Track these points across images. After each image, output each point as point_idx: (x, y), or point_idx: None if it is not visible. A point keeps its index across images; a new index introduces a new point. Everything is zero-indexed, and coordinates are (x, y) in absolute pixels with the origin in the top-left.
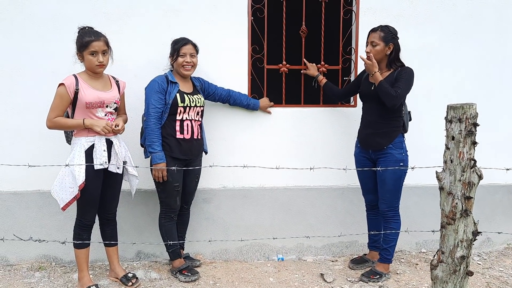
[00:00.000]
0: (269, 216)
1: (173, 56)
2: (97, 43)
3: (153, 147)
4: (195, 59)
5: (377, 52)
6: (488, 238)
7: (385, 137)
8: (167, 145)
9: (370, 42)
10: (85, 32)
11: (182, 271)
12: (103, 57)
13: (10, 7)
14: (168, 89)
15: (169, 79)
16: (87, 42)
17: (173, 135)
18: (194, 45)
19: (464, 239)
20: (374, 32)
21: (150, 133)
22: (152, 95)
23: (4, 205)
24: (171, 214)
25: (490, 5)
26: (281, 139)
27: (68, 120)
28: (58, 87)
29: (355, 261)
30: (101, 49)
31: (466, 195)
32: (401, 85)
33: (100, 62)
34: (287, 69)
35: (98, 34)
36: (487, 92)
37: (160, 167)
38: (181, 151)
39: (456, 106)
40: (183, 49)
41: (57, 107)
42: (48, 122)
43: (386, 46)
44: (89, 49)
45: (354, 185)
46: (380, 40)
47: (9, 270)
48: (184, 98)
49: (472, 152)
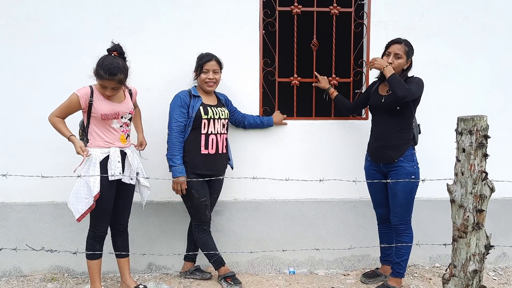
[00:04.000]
0: (280, 229)
1: (197, 71)
2: (110, 82)
3: (174, 160)
4: (218, 76)
5: (399, 65)
6: (504, 253)
7: (395, 150)
8: (191, 162)
9: (393, 54)
10: (106, 67)
11: (227, 278)
12: (112, 91)
13: (28, 23)
14: (191, 103)
15: (192, 94)
16: (101, 78)
17: (198, 151)
18: (218, 61)
19: (476, 253)
20: (399, 44)
21: (172, 147)
22: (175, 109)
23: (18, 216)
24: (203, 226)
25: (502, 17)
26: (292, 151)
27: (61, 127)
28: (72, 94)
29: (367, 275)
30: (112, 85)
31: (478, 208)
32: (413, 85)
33: (111, 94)
34: (298, 82)
35: (115, 72)
36: (500, 105)
37: (180, 181)
38: (205, 166)
39: (467, 118)
40: (206, 66)
41: (63, 109)
42: (50, 116)
43: (407, 60)
44: (104, 86)
45: (366, 198)
46: (404, 54)
47: (22, 280)
48: (208, 111)
49: (483, 165)
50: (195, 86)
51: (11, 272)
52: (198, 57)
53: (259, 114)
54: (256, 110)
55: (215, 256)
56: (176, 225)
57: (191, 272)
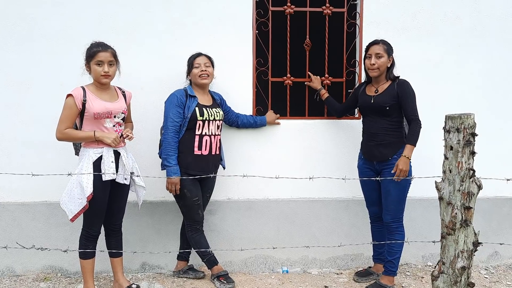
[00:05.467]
0: (274, 228)
1: (189, 70)
2: (103, 54)
3: (169, 160)
4: (210, 69)
5: (383, 64)
6: (495, 252)
7: (389, 147)
8: (184, 162)
9: (374, 54)
10: (94, 44)
11: (220, 277)
12: (109, 67)
13: (20, 22)
14: (187, 103)
15: (188, 93)
16: (94, 52)
17: (191, 151)
18: (208, 57)
19: (464, 250)
20: (377, 45)
21: (167, 147)
22: (171, 109)
23: (11, 216)
24: (196, 226)
25: (494, 17)
26: (285, 151)
27: (79, 132)
28: (66, 98)
29: (360, 274)
30: (108, 59)
31: (466, 205)
32: (412, 105)
33: (105, 72)
34: (291, 81)
35: (106, 45)
36: (492, 104)
37: (174, 181)
38: (197, 167)
39: (454, 116)
40: (196, 61)
41: (66, 118)
42: (58, 133)
43: (388, 58)
44: (96, 59)
45: (358, 197)
46: (384, 52)
47: (15, 280)
48: (203, 112)
49: (471, 162)
50: (190, 86)
51: (3, 271)
52: (188, 59)
53: (252, 113)
54: (249, 109)
55: (208, 255)
56: (170, 225)
57: (184, 271)
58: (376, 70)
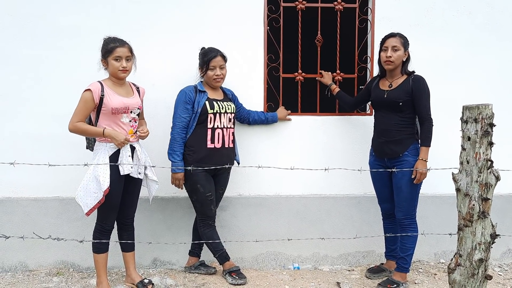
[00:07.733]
0: (285, 225)
1: (203, 69)
2: (121, 49)
3: (174, 156)
4: (224, 71)
5: (399, 57)
6: (509, 249)
7: (399, 145)
8: (197, 156)
9: (391, 47)
10: (111, 39)
11: (232, 273)
12: (126, 62)
13: (33, 19)
14: (197, 98)
15: (198, 89)
16: (111, 48)
17: (204, 145)
18: (223, 56)
19: (482, 242)
20: (394, 38)
21: (173, 142)
22: (179, 105)
23: (24, 211)
24: (208, 221)
25: (507, 12)
26: (297, 147)
27: (89, 127)
28: (84, 92)
29: (372, 270)
30: (125, 55)
31: (484, 197)
32: (426, 104)
33: (123, 67)
34: (302, 77)
35: (123, 41)
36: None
37: (178, 177)
38: (211, 161)
39: (472, 107)
40: (212, 62)
41: (80, 112)
42: (70, 125)
43: (405, 52)
44: (114, 55)
45: (370, 194)
46: (401, 45)
47: (28, 275)
48: (213, 105)
49: (488, 153)
50: (201, 82)
51: (17, 266)
52: (201, 52)
53: (264, 109)
54: (260, 106)
55: (220, 250)
56: (181, 221)
57: (195, 267)
58: (392, 64)
